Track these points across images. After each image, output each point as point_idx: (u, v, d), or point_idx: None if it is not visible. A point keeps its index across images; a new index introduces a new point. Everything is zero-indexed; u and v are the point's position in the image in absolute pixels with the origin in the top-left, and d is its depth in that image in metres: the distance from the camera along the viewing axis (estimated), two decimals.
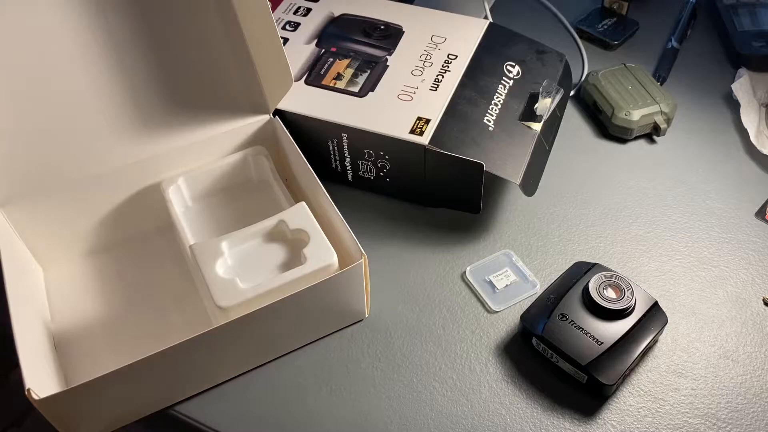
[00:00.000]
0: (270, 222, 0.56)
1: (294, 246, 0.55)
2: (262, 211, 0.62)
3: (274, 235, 0.56)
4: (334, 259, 0.53)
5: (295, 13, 0.72)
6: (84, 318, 0.58)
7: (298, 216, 0.55)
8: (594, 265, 0.57)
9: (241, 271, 0.54)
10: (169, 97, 0.59)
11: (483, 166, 0.59)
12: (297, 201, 0.58)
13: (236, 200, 0.63)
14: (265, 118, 0.63)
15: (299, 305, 0.51)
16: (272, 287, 0.51)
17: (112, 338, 0.56)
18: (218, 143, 0.62)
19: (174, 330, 0.56)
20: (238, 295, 0.51)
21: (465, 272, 0.61)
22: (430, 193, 0.64)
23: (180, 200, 0.62)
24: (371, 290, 0.60)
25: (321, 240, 0.54)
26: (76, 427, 0.50)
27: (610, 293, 0.54)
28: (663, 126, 0.71)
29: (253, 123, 0.63)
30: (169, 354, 0.48)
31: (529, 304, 0.57)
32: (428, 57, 0.67)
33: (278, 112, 0.63)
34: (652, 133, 0.72)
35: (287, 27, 0.70)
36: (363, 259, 0.51)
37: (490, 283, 0.60)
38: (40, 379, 0.48)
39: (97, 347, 0.56)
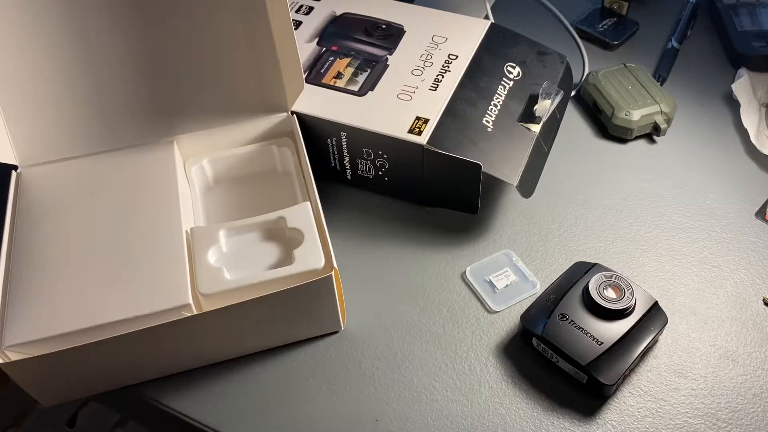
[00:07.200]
0: (270, 217, 0.56)
1: (288, 245, 0.55)
2: (278, 203, 0.61)
3: (273, 231, 0.56)
4: (321, 264, 0.52)
5: (297, 11, 0.72)
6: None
7: (298, 215, 0.55)
8: (594, 265, 0.57)
9: (232, 261, 0.54)
10: (191, 91, 0.61)
11: (480, 166, 0.59)
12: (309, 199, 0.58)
13: (258, 188, 0.63)
14: (283, 115, 0.63)
15: (261, 307, 0.51)
16: (254, 282, 0.51)
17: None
18: (237, 137, 0.63)
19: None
20: (220, 285, 0.51)
21: (465, 272, 0.61)
22: (428, 192, 0.64)
23: (203, 181, 0.62)
24: (371, 292, 0.60)
25: (313, 243, 0.53)
26: (46, 392, 0.52)
27: (610, 293, 0.54)
28: (663, 126, 0.71)
29: (271, 119, 0.63)
30: (142, 334, 0.48)
31: (529, 304, 0.57)
32: (429, 57, 0.67)
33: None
34: (652, 133, 0.72)
35: None
36: (333, 273, 0.51)
37: (490, 283, 0.60)
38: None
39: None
